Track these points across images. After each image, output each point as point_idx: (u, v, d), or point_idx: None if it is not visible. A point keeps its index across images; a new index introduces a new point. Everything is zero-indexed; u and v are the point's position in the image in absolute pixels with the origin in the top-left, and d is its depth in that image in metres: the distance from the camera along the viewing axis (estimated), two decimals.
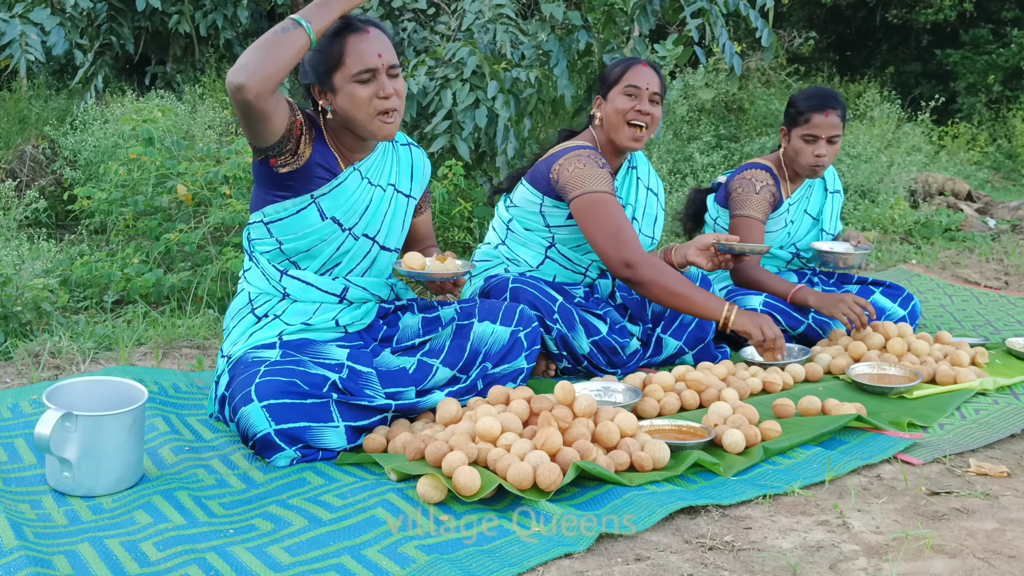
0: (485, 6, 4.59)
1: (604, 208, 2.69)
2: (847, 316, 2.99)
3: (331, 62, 2.24)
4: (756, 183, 3.22)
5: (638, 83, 2.78)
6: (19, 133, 5.68)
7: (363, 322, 2.44)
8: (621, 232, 2.67)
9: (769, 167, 3.29)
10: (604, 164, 2.77)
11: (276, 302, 2.35)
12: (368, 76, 2.24)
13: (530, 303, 2.66)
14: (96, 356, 2.92)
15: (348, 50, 2.23)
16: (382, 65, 2.25)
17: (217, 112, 5.54)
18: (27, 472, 2.03)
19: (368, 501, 1.89)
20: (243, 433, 2.10)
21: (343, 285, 2.38)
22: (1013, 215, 6.51)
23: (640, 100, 2.78)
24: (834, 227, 3.44)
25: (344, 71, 2.24)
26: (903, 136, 8.04)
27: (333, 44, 2.24)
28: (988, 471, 2.12)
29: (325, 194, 2.30)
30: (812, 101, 3.16)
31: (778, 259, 3.36)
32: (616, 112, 2.79)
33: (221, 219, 3.67)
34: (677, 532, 1.80)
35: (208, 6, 6.08)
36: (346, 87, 2.24)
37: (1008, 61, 10.52)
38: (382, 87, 2.25)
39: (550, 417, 2.06)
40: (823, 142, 3.15)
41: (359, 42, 2.24)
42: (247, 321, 2.35)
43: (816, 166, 3.18)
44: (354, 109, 2.25)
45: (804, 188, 3.37)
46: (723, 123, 8.00)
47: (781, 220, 3.31)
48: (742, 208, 3.20)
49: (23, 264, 3.57)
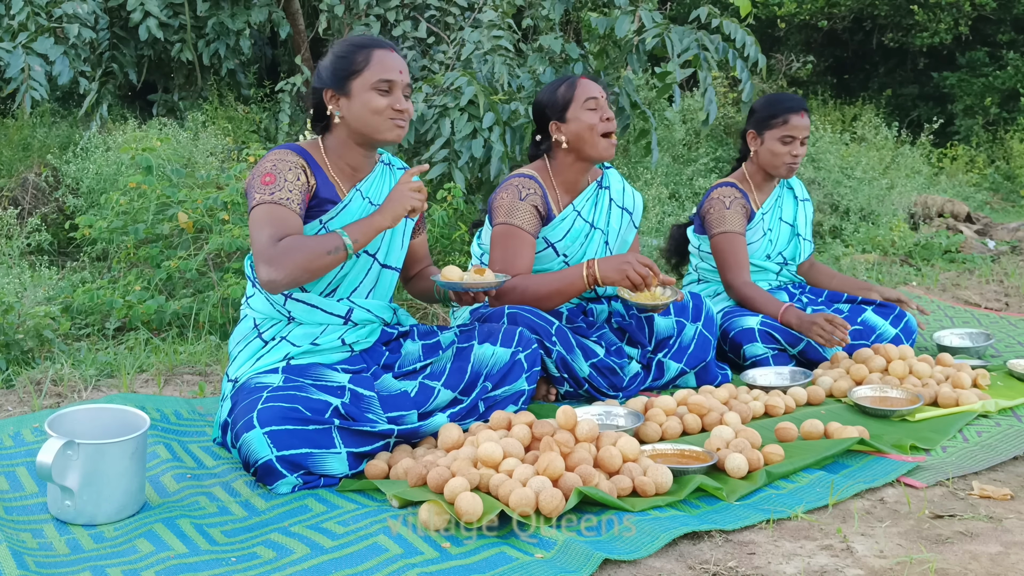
0: (484, 37, 4.64)
1: (505, 239, 2.81)
2: (822, 336, 3.01)
3: (354, 68, 2.33)
4: (725, 200, 3.32)
5: (595, 94, 2.85)
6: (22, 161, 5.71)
7: (368, 340, 2.46)
8: (505, 264, 2.78)
9: (733, 183, 3.39)
10: (529, 195, 2.83)
11: (282, 325, 2.37)
12: (387, 87, 2.34)
13: (528, 326, 2.67)
14: (98, 383, 2.93)
15: (373, 60, 2.33)
16: (401, 81, 2.35)
17: (219, 139, 5.57)
18: (29, 500, 2.02)
19: (370, 528, 1.88)
20: (245, 459, 2.10)
21: (347, 307, 2.40)
22: (1012, 236, 6.52)
23: (602, 109, 2.84)
24: (808, 233, 3.55)
25: (365, 78, 2.33)
26: (901, 158, 8.07)
27: (359, 52, 2.34)
28: (991, 494, 2.12)
29: (333, 218, 2.37)
30: (787, 104, 3.32)
31: (767, 271, 3.42)
32: (588, 128, 2.83)
33: (220, 245, 3.68)
34: (680, 558, 1.80)
35: (210, 35, 6.13)
36: (364, 94, 2.33)
37: (1005, 83, 10.58)
38: (398, 100, 2.35)
39: (552, 442, 2.06)
40: (799, 142, 3.29)
41: (385, 56, 2.35)
42: (254, 345, 2.37)
43: (793, 165, 3.31)
44: (367, 116, 2.34)
45: (774, 198, 3.46)
46: (721, 146, 8.04)
47: (759, 230, 3.39)
48: (719, 226, 3.29)
49: (25, 291, 3.58)
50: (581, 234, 2.94)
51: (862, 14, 11.26)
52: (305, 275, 2.21)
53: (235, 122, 6.25)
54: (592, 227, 2.96)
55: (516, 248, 2.80)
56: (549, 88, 2.93)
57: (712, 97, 4.42)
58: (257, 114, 6.53)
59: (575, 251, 2.93)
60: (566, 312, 2.91)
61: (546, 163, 2.97)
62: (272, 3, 6.31)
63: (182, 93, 6.74)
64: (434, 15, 5.61)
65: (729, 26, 4.49)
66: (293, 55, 6.84)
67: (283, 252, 2.18)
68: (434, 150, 4.27)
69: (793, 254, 3.51)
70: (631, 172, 6.76)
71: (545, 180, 2.93)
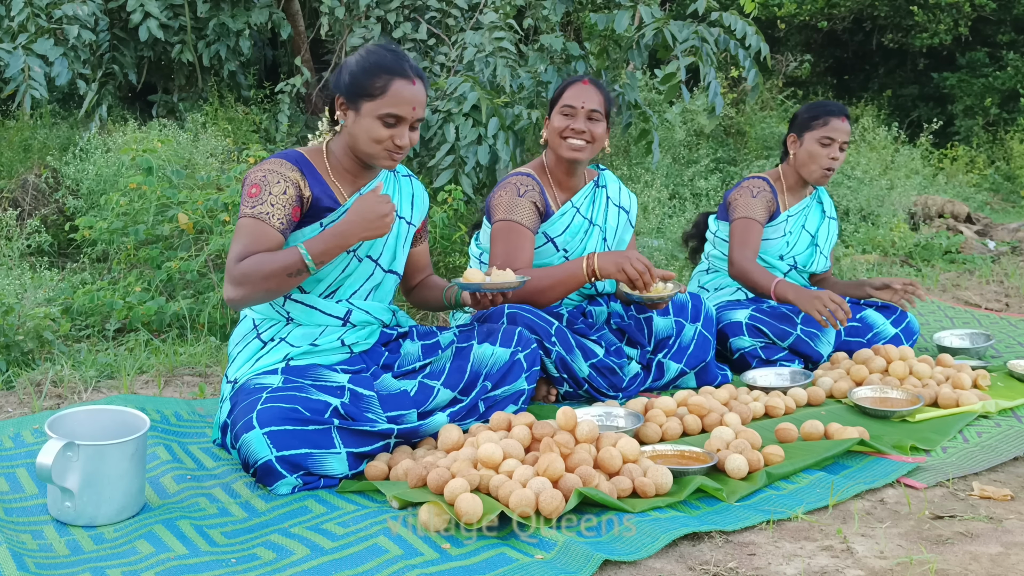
0: (485, 39, 4.64)
1: (505, 235, 2.83)
2: (821, 313, 2.98)
3: (369, 91, 2.28)
4: (753, 189, 3.34)
5: (573, 103, 2.88)
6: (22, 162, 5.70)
7: (367, 342, 2.46)
8: (507, 258, 2.78)
9: (767, 179, 3.40)
10: (527, 192, 2.87)
11: (281, 326, 2.37)
12: (393, 121, 2.29)
13: (528, 326, 2.67)
14: (98, 385, 2.93)
15: (390, 91, 2.28)
16: (411, 116, 2.31)
17: (219, 140, 5.57)
18: (29, 502, 2.02)
19: (370, 529, 1.88)
20: (244, 460, 2.10)
21: (346, 308, 2.41)
22: (1013, 237, 6.52)
23: (575, 119, 2.87)
24: (827, 249, 3.53)
25: (376, 104, 2.28)
26: (901, 159, 8.07)
27: (379, 78, 2.28)
28: (991, 494, 2.12)
29: (332, 221, 2.35)
30: (829, 107, 3.33)
31: (775, 269, 3.42)
32: (553, 131, 2.91)
33: (221, 246, 3.68)
34: (680, 559, 1.80)
35: (211, 36, 6.13)
36: (370, 119, 2.29)
37: (1005, 84, 10.58)
38: (400, 136, 2.31)
39: (552, 443, 2.06)
40: (837, 146, 3.28)
41: (403, 88, 2.29)
42: (253, 346, 2.37)
43: (828, 169, 3.29)
44: (366, 141, 2.31)
45: (803, 206, 3.44)
46: (722, 147, 8.03)
47: (780, 229, 3.39)
48: (742, 211, 3.30)
49: (25, 293, 3.58)
50: (580, 230, 2.97)
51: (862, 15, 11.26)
52: (264, 295, 2.20)
53: (235, 123, 6.25)
54: (591, 224, 2.99)
55: (517, 243, 2.82)
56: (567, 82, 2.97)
57: (717, 90, 4.42)
58: (257, 115, 6.53)
59: (575, 246, 2.95)
60: (566, 314, 2.91)
61: (544, 161, 3.02)
62: (272, 4, 6.31)
63: (182, 94, 6.74)
64: (434, 17, 5.61)
65: (729, 18, 4.49)
66: (293, 56, 6.84)
67: (242, 272, 2.17)
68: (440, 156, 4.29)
69: (806, 262, 3.47)
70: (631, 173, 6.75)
71: (542, 178, 2.98)
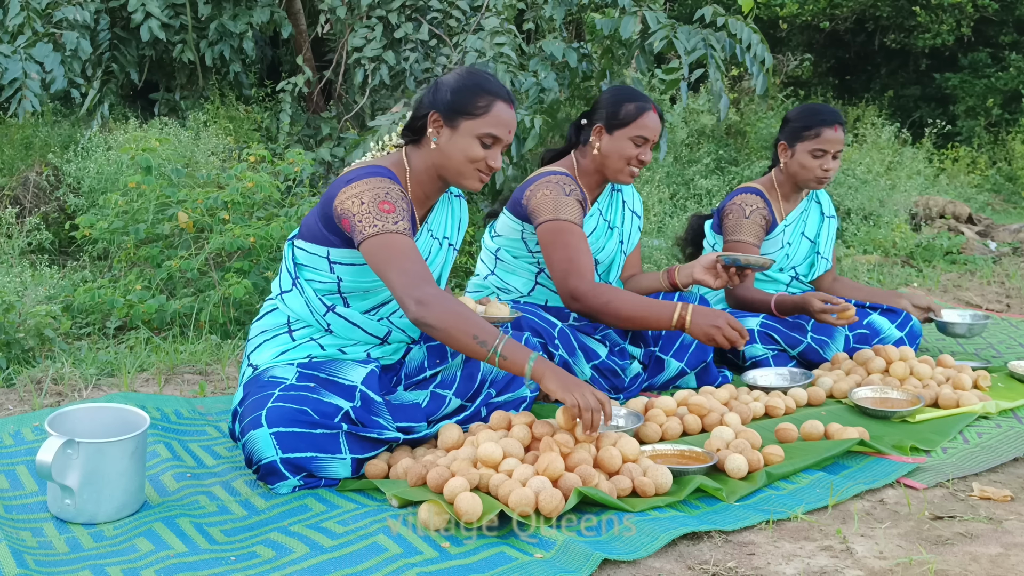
0: (486, 44, 4.64)
1: (563, 237, 2.71)
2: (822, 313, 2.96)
3: (471, 110, 2.27)
4: (746, 207, 3.23)
5: (647, 135, 2.79)
6: (23, 160, 5.71)
7: (393, 358, 2.46)
8: (572, 264, 2.68)
9: (759, 190, 3.29)
10: (572, 191, 2.78)
11: (316, 331, 2.36)
12: (490, 142, 2.28)
13: (532, 328, 2.67)
14: (98, 382, 2.93)
15: (493, 112, 2.27)
16: (506, 140, 2.31)
17: (221, 139, 5.57)
18: (28, 499, 2.03)
19: (370, 528, 1.88)
20: (248, 456, 2.10)
21: (387, 328, 2.39)
22: (1014, 238, 6.52)
23: (645, 151, 2.80)
24: (828, 252, 3.46)
25: (477, 123, 2.26)
26: (903, 159, 8.07)
27: (482, 97, 2.27)
28: (992, 495, 2.12)
29: None
30: (821, 116, 3.20)
31: (777, 282, 3.36)
32: (620, 156, 2.80)
33: (221, 244, 3.69)
34: (680, 558, 1.80)
35: (213, 37, 6.13)
36: (468, 138, 2.27)
37: (1007, 84, 10.58)
38: (495, 156, 2.30)
39: (552, 442, 2.06)
40: (830, 156, 3.19)
41: (504, 111, 2.29)
42: (282, 340, 2.35)
43: (824, 179, 3.21)
44: (460, 159, 2.28)
45: (800, 211, 3.37)
46: (723, 147, 8.03)
47: (778, 241, 3.31)
48: (734, 234, 3.21)
49: (26, 291, 3.58)
50: (603, 233, 2.94)
51: (864, 15, 11.26)
52: (445, 337, 2.10)
53: (236, 122, 6.25)
54: (610, 227, 2.97)
55: (578, 246, 2.71)
56: (621, 94, 2.84)
57: (723, 90, 4.42)
58: (258, 114, 6.53)
59: (596, 250, 2.93)
60: (572, 314, 2.90)
61: (573, 160, 2.92)
62: (274, 3, 6.31)
63: (184, 93, 6.74)
64: (436, 17, 5.61)
65: (735, 25, 4.49)
66: (295, 55, 6.84)
67: (446, 307, 2.09)
68: None
69: (807, 271, 3.43)
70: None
71: (576, 178, 2.90)
